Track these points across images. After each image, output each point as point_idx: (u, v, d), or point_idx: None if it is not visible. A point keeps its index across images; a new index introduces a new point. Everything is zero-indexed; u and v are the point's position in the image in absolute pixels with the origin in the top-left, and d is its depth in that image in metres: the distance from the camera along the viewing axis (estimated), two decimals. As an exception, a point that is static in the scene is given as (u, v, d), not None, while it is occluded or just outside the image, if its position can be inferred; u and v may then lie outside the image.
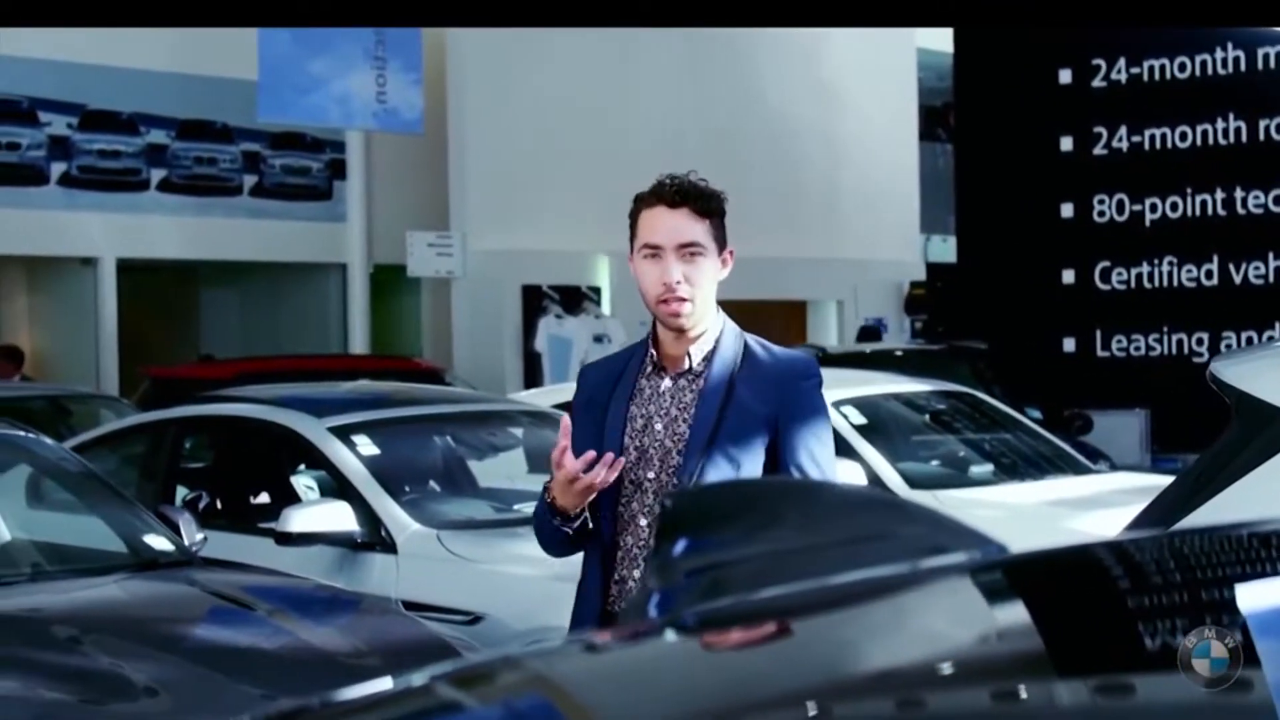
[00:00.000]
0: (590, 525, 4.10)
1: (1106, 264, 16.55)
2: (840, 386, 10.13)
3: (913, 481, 9.18)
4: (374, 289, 19.87)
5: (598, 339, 19.53)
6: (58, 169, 18.99)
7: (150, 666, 5.05)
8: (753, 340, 4.20)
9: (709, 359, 4.13)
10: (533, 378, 19.57)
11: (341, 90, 18.51)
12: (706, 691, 1.68)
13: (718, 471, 4.02)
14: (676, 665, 1.80)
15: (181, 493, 8.77)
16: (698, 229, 4.08)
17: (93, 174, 19.24)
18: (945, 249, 24.97)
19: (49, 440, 7.19)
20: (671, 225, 4.08)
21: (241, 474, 9.19)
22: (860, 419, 9.64)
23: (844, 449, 9.19)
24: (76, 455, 7.27)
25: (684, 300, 4.06)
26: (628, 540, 4.11)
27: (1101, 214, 16.53)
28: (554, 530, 4.11)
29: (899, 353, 16.69)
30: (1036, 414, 13.04)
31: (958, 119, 18.96)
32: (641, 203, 4.15)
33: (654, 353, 4.17)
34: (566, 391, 5.32)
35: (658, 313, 4.11)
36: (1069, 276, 16.77)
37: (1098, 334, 16.63)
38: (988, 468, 10.09)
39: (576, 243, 21.20)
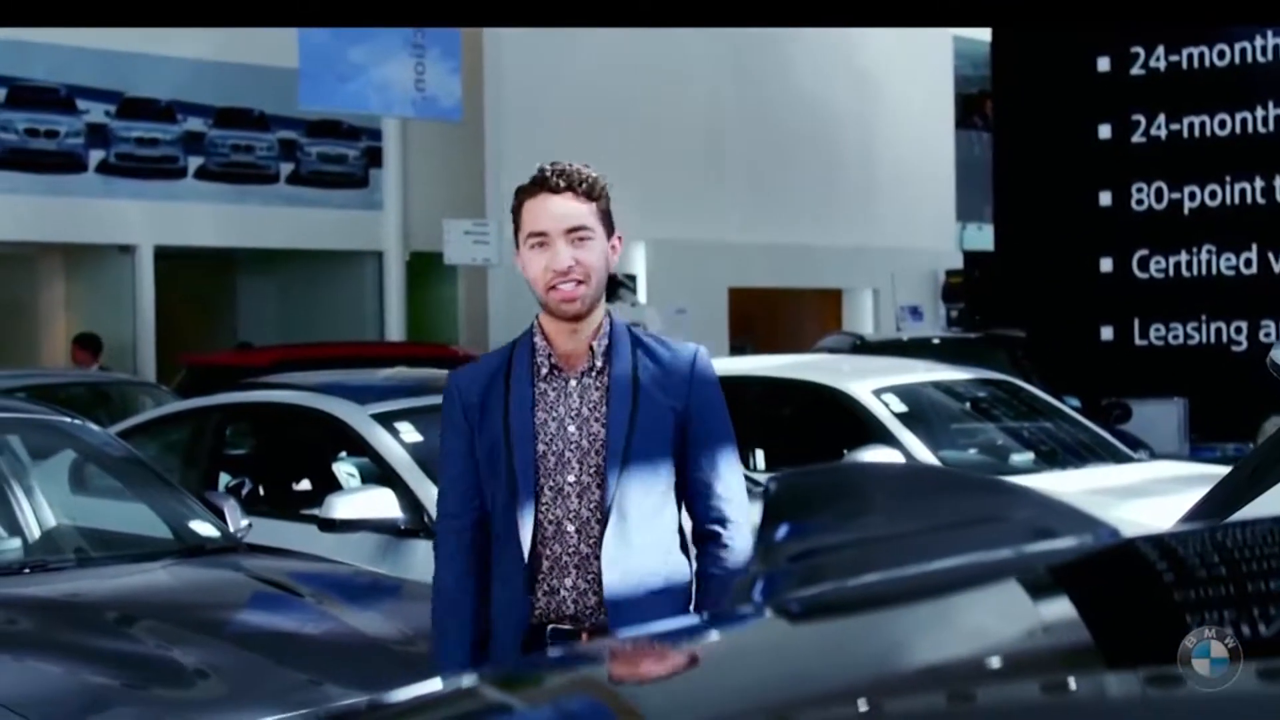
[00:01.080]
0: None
1: (1145, 252, 16.51)
2: (880, 374, 10.13)
3: (953, 470, 9.14)
4: (410, 277, 19.91)
5: (634, 327, 19.50)
6: (96, 156, 19.05)
7: (198, 651, 5.06)
8: (639, 333, 4.15)
9: (608, 355, 4.05)
10: (568, 365, 19.57)
11: (381, 78, 18.53)
12: (802, 679, 1.67)
13: (639, 470, 3.97)
14: (774, 651, 1.79)
15: (224, 479, 8.80)
16: (583, 211, 4.01)
17: (130, 161, 19.29)
18: (981, 237, 24.92)
19: (94, 426, 7.22)
20: (557, 211, 3.99)
21: (284, 461, 9.22)
22: (900, 407, 9.62)
23: (885, 437, 9.20)
24: (122, 441, 7.29)
25: (579, 283, 3.97)
26: (555, 549, 4.01)
27: (1140, 202, 16.48)
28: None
29: (936, 341, 16.67)
30: (1075, 403, 13.01)
31: (996, 107, 18.91)
32: (523, 194, 4.06)
33: (551, 353, 4.06)
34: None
35: (549, 301, 4.00)
36: (1107, 265, 16.73)
37: (1136, 323, 16.59)
38: (1028, 456, 10.05)
39: (612, 230, 21.17)
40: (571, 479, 3.99)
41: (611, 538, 3.96)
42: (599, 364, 4.03)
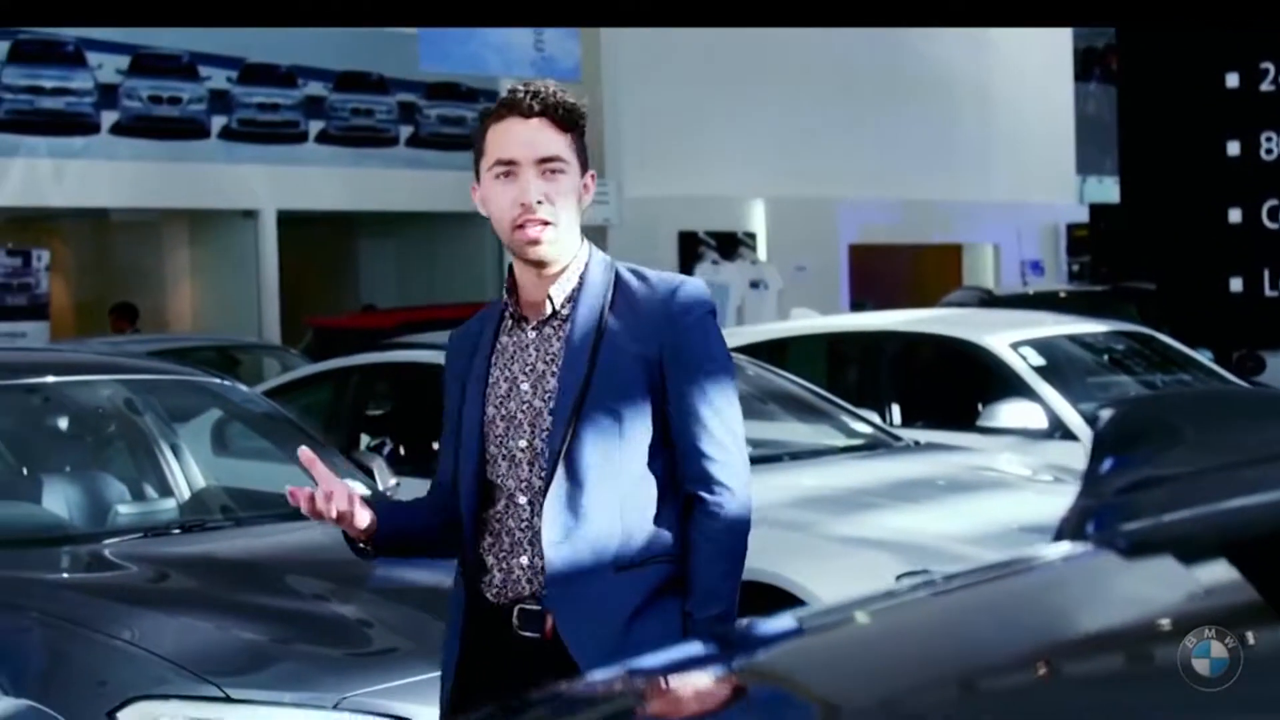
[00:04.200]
0: (370, 552, 3.66)
1: (1274, 202, 16.26)
2: (1016, 327, 10.06)
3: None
4: (529, 238, 19.93)
5: (754, 285, 19.48)
6: (218, 122, 19.21)
7: (356, 607, 5.11)
8: (626, 269, 3.57)
9: (574, 299, 3.51)
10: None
11: (500, 39, 18.57)
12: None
13: (595, 428, 3.43)
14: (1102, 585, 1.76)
15: (365, 439, 8.85)
16: (559, 142, 3.50)
17: (252, 127, 19.45)
18: (1102, 190, 24.69)
19: (242, 386, 7.27)
20: (528, 137, 3.48)
21: (424, 420, 9.24)
22: (1038, 360, 9.54)
23: (1023, 390, 9.14)
24: (269, 401, 7.34)
25: (546, 224, 3.45)
26: (509, 523, 3.51)
27: (1269, 151, 16.23)
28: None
29: (1063, 294, 16.52)
30: (1207, 355, 12.86)
31: (1121, 58, 18.70)
32: (490, 118, 3.55)
33: (510, 302, 3.57)
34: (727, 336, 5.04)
35: (513, 241, 3.47)
36: (1235, 215, 16.48)
37: (1266, 273, 16.36)
38: (1166, 408, 9.92)
39: (732, 188, 21.17)
40: (523, 444, 3.48)
41: (553, 508, 3.44)
42: (564, 310, 3.52)
